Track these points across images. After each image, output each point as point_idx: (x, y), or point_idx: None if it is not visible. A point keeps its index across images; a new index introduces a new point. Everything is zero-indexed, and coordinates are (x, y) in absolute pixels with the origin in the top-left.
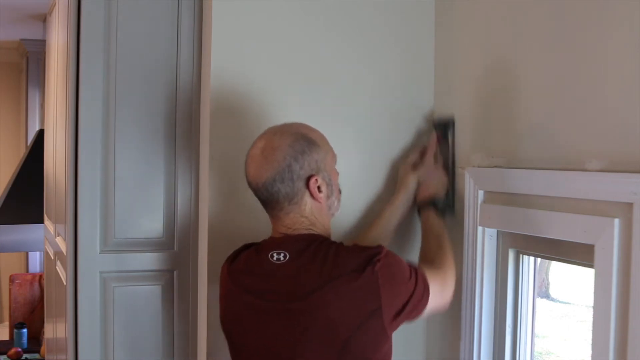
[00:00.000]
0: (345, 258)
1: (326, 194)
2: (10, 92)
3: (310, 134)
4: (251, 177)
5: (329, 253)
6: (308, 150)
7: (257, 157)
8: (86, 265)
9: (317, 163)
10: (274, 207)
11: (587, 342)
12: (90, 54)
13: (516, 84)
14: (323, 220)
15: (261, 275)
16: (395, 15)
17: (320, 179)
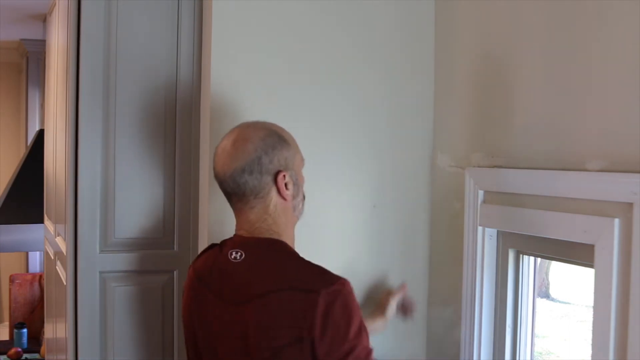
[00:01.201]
0: (302, 272)
1: (292, 193)
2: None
3: (282, 132)
4: (219, 167)
5: (284, 262)
6: (279, 146)
7: (228, 148)
8: (86, 265)
9: (286, 160)
10: (240, 200)
11: (587, 342)
12: (90, 54)
13: (516, 84)
14: (286, 221)
15: (219, 272)
16: (395, 16)
17: (288, 177)
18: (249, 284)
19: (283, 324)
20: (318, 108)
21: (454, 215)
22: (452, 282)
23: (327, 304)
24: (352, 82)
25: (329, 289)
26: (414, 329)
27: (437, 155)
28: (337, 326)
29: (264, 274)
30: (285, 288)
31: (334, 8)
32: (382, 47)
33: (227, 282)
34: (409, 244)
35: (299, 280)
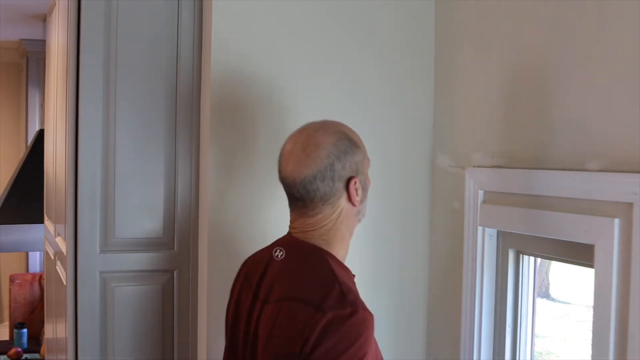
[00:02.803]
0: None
1: (361, 198)
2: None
3: (352, 135)
4: (288, 173)
5: (314, 272)
6: (350, 151)
7: (298, 154)
8: (86, 265)
9: (357, 165)
10: (306, 206)
11: (587, 342)
12: (90, 54)
13: (516, 84)
14: (348, 225)
15: (260, 266)
16: (395, 16)
17: (359, 182)
18: (276, 284)
19: (285, 333)
20: (318, 108)
21: (454, 216)
22: (452, 282)
23: (328, 325)
24: (352, 82)
25: (339, 312)
26: (414, 329)
27: (437, 155)
28: (328, 351)
29: (290, 279)
30: (300, 298)
31: (334, 8)
32: (382, 47)
33: (263, 278)
34: (409, 244)
35: (316, 295)
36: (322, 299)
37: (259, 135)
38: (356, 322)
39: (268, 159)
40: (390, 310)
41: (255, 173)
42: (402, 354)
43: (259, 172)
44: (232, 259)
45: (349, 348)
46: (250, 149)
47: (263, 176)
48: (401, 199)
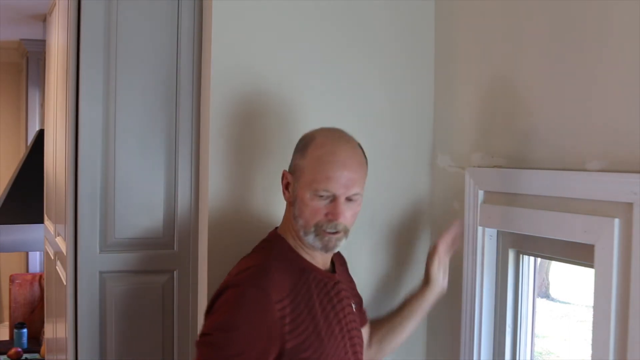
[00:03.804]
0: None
1: (289, 198)
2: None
3: (312, 143)
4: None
5: (250, 256)
6: (298, 153)
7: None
8: (86, 265)
9: (295, 168)
10: None
11: (587, 342)
12: (90, 54)
13: (516, 84)
14: (288, 215)
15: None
16: (395, 16)
17: (289, 180)
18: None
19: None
20: (318, 108)
21: (454, 216)
22: (452, 282)
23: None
24: (352, 82)
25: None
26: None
27: (437, 155)
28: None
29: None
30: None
31: (334, 8)
32: (382, 47)
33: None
34: (409, 244)
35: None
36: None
37: (260, 135)
38: (232, 292)
39: (268, 159)
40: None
41: (256, 173)
42: (402, 354)
43: (259, 171)
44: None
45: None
46: (251, 149)
47: (263, 176)
48: (401, 199)
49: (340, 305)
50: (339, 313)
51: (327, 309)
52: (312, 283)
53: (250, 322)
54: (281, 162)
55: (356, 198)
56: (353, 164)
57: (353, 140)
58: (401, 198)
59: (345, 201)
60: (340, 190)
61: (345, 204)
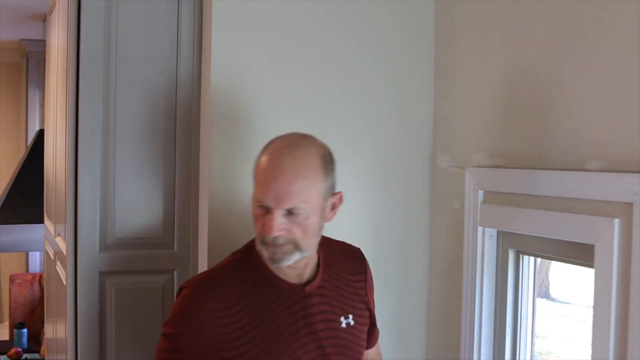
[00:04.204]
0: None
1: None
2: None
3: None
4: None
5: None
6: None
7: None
8: (86, 265)
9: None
10: None
11: (587, 342)
12: (90, 54)
13: (516, 85)
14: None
15: None
16: (395, 16)
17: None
18: None
19: None
20: (318, 108)
21: (454, 215)
22: (452, 282)
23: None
24: (352, 83)
25: (185, 283)
26: (414, 329)
27: (437, 155)
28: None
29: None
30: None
31: (334, 8)
32: (382, 47)
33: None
34: (409, 244)
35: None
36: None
37: (260, 134)
38: (179, 296)
39: None
40: (390, 310)
41: None
42: (402, 354)
43: None
44: None
45: (169, 316)
46: (251, 149)
47: None
48: (401, 199)
49: (305, 320)
50: (301, 329)
51: (285, 323)
52: (272, 295)
53: (188, 323)
54: None
55: (299, 212)
56: (288, 175)
57: (305, 149)
58: (401, 198)
59: (286, 214)
60: (271, 202)
61: (288, 217)
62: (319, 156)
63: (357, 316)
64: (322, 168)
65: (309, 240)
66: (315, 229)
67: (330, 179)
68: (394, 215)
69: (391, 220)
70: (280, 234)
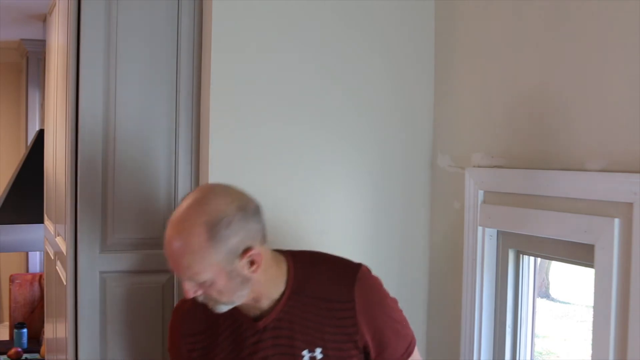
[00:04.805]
0: None
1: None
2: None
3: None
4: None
5: None
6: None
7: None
8: (86, 265)
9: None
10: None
11: (587, 342)
12: (90, 54)
13: (516, 84)
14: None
15: None
16: (395, 16)
17: None
18: None
19: None
20: (318, 108)
21: (454, 215)
22: (452, 282)
23: None
24: (352, 82)
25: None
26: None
27: (437, 155)
28: None
29: None
30: None
31: (334, 8)
32: (382, 47)
33: None
34: (409, 244)
35: None
36: None
37: (260, 134)
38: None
39: (269, 159)
40: None
41: (256, 173)
42: None
43: (259, 171)
44: None
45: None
46: (251, 149)
47: (264, 176)
48: (401, 199)
49: (260, 354)
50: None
51: (239, 357)
52: (231, 326)
53: (172, 344)
54: (281, 162)
55: (200, 280)
56: (177, 251)
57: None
58: (401, 198)
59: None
60: (174, 272)
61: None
62: (205, 228)
63: (328, 349)
64: (209, 240)
65: (229, 296)
66: (231, 288)
67: (229, 244)
68: (394, 215)
69: (391, 220)
70: (196, 295)
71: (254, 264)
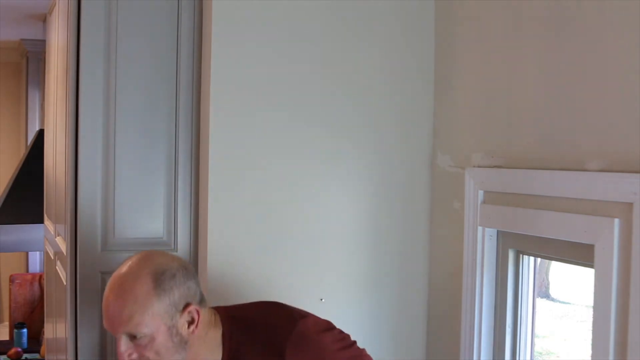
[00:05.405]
0: None
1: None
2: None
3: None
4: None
5: None
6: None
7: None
8: (86, 265)
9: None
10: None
11: (587, 342)
12: (90, 54)
13: (516, 84)
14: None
15: None
16: (395, 16)
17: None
18: None
19: None
20: (318, 108)
21: (454, 215)
22: (452, 282)
23: None
24: (352, 83)
25: None
26: (414, 328)
27: (437, 155)
28: None
29: None
30: None
31: (334, 8)
32: (382, 47)
33: None
34: (409, 244)
35: None
36: None
37: (260, 134)
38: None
39: (269, 159)
40: (390, 310)
41: (256, 173)
42: (402, 354)
43: (260, 171)
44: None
45: None
46: (252, 149)
47: (264, 175)
48: (401, 199)
49: None
50: None
51: None
52: None
53: None
54: (282, 162)
55: (139, 335)
56: (118, 302)
57: (135, 273)
58: (401, 198)
59: (130, 338)
60: (111, 330)
61: (134, 342)
62: (150, 278)
63: None
64: (154, 290)
65: (167, 359)
66: (169, 348)
67: (173, 296)
68: (394, 215)
69: (391, 220)
70: (131, 358)
71: (192, 323)
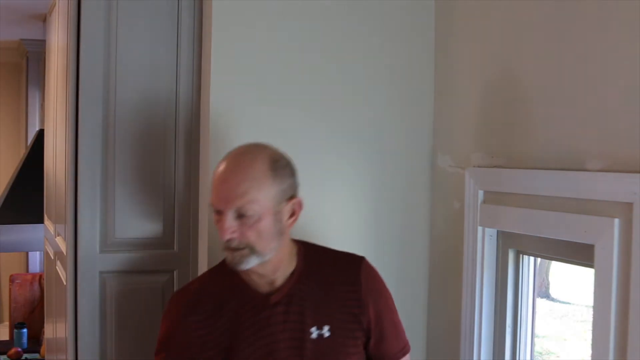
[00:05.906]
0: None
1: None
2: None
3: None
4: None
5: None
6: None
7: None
8: (86, 265)
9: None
10: None
11: (587, 342)
12: (90, 54)
13: (516, 84)
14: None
15: None
16: (395, 16)
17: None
18: None
19: None
20: (318, 108)
21: (454, 215)
22: (452, 282)
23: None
24: (352, 83)
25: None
26: (414, 328)
27: (437, 155)
28: None
29: None
30: None
31: (334, 9)
32: (382, 47)
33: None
34: (409, 244)
35: None
36: None
37: (260, 133)
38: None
39: None
40: None
41: None
42: None
43: None
44: None
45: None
46: None
47: None
48: (401, 199)
49: (269, 329)
50: (263, 339)
51: (248, 332)
52: (240, 302)
53: (172, 334)
54: None
55: (248, 213)
56: (235, 177)
57: (254, 153)
58: (401, 198)
59: (236, 217)
60: (220, 204)
61: (238, 220)
62: (268, 160)
63: (336, 327)
64: (270, 171)
65: (265, 244)
66: (270, 233)
67: (283, 184)
68: (394, 215)
69: (391, 220)
70: (233, 237)
71: (293, 215)
